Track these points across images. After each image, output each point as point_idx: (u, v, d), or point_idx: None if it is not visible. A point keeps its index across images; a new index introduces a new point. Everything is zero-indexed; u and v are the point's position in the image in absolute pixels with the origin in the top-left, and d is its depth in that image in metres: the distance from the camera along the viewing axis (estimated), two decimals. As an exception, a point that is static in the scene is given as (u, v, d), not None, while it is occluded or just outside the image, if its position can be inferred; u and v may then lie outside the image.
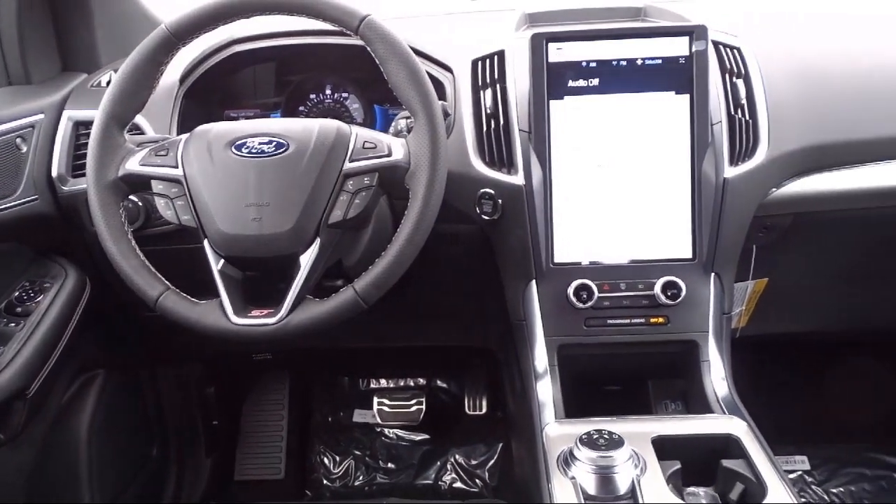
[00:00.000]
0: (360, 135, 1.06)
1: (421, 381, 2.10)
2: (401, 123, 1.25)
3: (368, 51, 1.05)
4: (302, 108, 1.50)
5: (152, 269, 1.06)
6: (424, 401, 2.05)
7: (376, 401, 2.06)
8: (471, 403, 2.05)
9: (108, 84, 1.11)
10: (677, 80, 1.17)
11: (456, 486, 1.95)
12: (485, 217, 1.21)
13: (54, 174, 1.30)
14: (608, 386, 1.35)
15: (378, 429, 2.06)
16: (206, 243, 1.04)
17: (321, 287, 1.08)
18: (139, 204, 1.23)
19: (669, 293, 1.16)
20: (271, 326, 1.01)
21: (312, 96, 1.50)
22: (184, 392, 1.86)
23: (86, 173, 1.07)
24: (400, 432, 2.06)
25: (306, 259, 1.02)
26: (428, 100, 1.03)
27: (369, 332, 1.65)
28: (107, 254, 1.06)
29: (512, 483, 1.86)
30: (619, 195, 1.19)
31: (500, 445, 1.98)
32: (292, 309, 1.01)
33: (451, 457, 1.99)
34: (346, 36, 1.07)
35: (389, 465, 2.01)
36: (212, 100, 1.45)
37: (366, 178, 1.03)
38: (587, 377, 1.23)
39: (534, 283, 1.20)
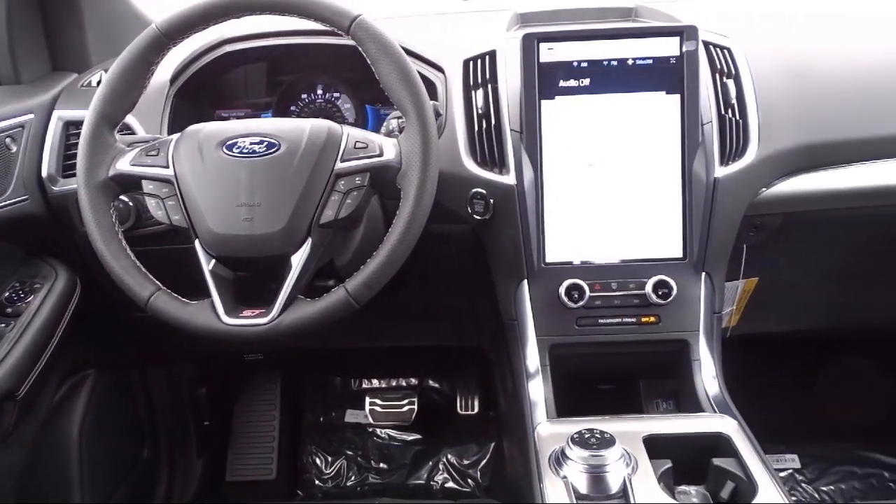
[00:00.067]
0: (351, 135, 1.06)
1: (413, 380, 2.10)
2: (392, 123, 1.25)
3: (360, 51, 1.05)
4: (293, 108, 1.49)
5: (143, 270, 1.06)
6: (416, 401, 2.06)
7: (368, 401, 2.06)
8: (463, 403, 2.05)
9: (99, 84, 1.10)
10: (668, 80, 1.17)
11: (448, 485, 1.95)
12: (476, 217, 1.21)
13: (44, 174, 1.29)
14: (600, 385, 1.35)
15: (370, 429, 2.06)
16: (197, 243, 1.04)
17: (313, 287, 1.08)
18: (130, 204, 1.22)
19: (660, 292, 1.16)
20: (263, 326, 1.01)
21: (304, 96, 1.49)
22: (175, 392, 1.85)
23: (76, 173, 1.07)
24: (392, 432, 2.05)
25: (298, 259, 1.02)
26: (419, 100, 1.03)
27: (361, 332, 1.65)
28: (97, 254, 1.05)
29: (504, 482, 1.86)
30: (611, 195, 1.19)
31: (492, 445, 1.98)
32: (284, 309, 1.01)
33: (443, 457, 1.99)
34: (337, 36, 1.06)
35: (381, 465, 2.00)
36: (203, 100, 1.44)
37: (357, 178, 1.03)
38: (579, 377, 1.24)
39: (525, 283, 1.20)
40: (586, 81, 1.18)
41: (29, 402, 1.27)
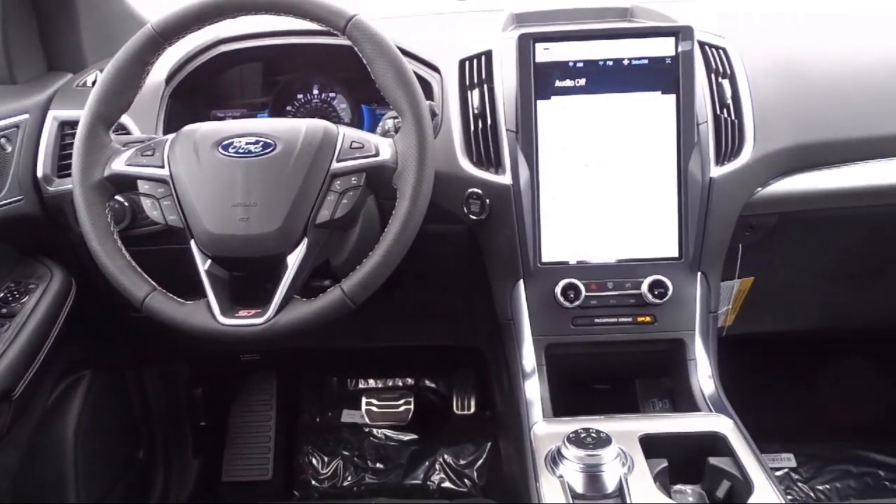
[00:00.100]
0: (347, 135, 1.06)
1: (409, 380, 2.10)
2: (388, 123, 1.25)
3: (356, 51, 1.05)
4: (289, 108, 1.49)
5: (138, 270, 1.05)
6: (413, 401, 2.05)
7: (364, 401, 2.06)
8: (459, 403, 2.05)
9: (94, 84, 1.10)
10: (663, 81, 1.18)
11: (444, 485, 1.95)
12: (472, 217, 1.21)
13: (39, 174, 1.29)
14: (596, 385, 1.35)
15: (366, 429, 2.06)
16: (192, 243, 1.04)
17: (309, 287, 1.08)
18: (125, 204, 1.22)
19: (656, 292, 1.16)
20: (259, 326, 1.01)
21: (300, 96, 1.49)
22: (171, 393, 1.85)
23: (71, 173, 1.06)
24: (388, 432, 2.05)
25: (294, 259, 1.02)
26: (415, 100, 1.03)
27: (357, 332, 1.65)
28: (92, 254, 1.05)
29: (500, 482, 1.87)
30: (606, 195, 1.19)
31: (489, 445, 1.98)
32: (280, 309, 1.01)
33: (439, 456, 1.99)
34: (333, 36, 1.06)
35: (378, 465, 2.00)
36: (198, 100, 1.44)
37: (353, 178, 1.03)
38: (575, 376, 1.24)
39: (521, 283, 1.20)
40: (582, 81, 1.18)
41: (24, 402, 1.27)
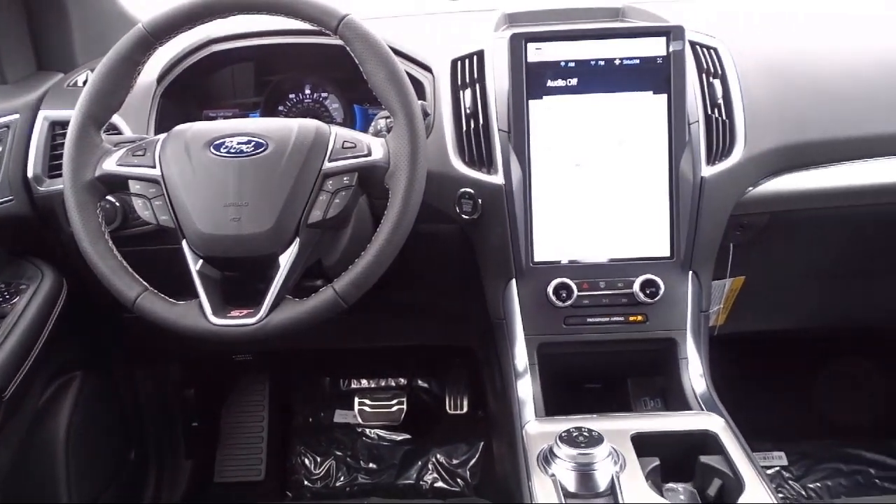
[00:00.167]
0: (339, 134, 1.06)
1: (402, 380, 2.10)
2: (380, 123, 1.25)
3: (348, 50, 1.05)
4: (281, 107, 1.49)
5: (130, 270, 1.05)
6: (405, 401, 2.06)
7: (357, 401, 2.06)
8: (452, 403, 2.05)
9: (85, 84, 1.10)
10: (655, 80, 1.18)
11: (437, 485, 1.95)
12: (465, 216, 1.21)
13: (30, 174, 1.28)
14: (588, 384, 1.36)
15: (359, 429, 2.06)
16: (184, 244, 1.04)
17: (301, 287, 1.08)
18: (116, 204, 1.22)
19: (648, 291, 1.17)
20: (251, 327, 1.01)
21: (292, 96, 1.49)
22: (163, 394, 1.84)
23: (62, 173, 1.06)
24: (381, 432, 2.05)
25: (286, 259, 1.02)
26: (407, 99, 1.03)
27: (350, 332, 1.65)
28: (83, 255, 1.05)
29: (493, 482, 1.87)
30: (598, 194, 1.19)
31: (482, 444, 1.98)
32: (272, 309, 1.01)
33: (432, 456, 1.99)
34: (325, 35, 1.06)
35: (371, 465, 2.00)
36: (190, 100, 1.44)
37: (345, 178, 1.03)
38: (567, 375, 1.24)
39: (514, 282, 1.20)
40: (574, 81, 1.18)
41: (15, 403, 1.26)
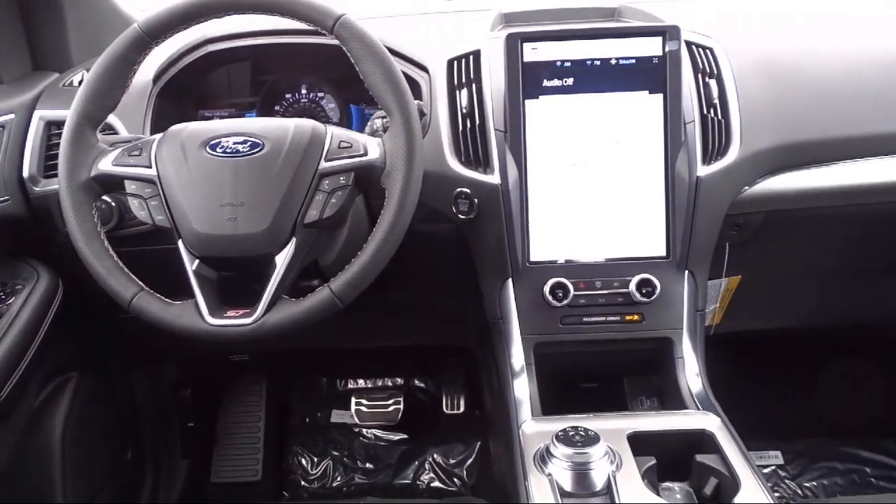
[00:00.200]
0: (335, 134, 1.06)
1: (398, 380, 2.10)
2: (376, 123, 1.25)
3: (344, 50, 1.05)
4: (277, 107, 1.49)
5: (126, 270, 1.05)
6: (402, 400, 2.05)
7: (354, 401, 2.06)
8: (448, 402, 2.05)
9: (80, 83, 1.09)
10: (651, 80, 1.18)
11: (434, 485, 1.95)
12: (461, 216, 1.21)
13: (25, 175, 1.28)
14: (585, 383, 1.36)
15: (356, 429, 2.06)
16: (180, 244, 1.03)
17: (297, 287, 1.08)
18: (112, 204, 1.21)
19: (644, 291, 1.17)
20: (247, 327, 1.00)
21: (288, 96, 1.49)
22: (159, 394, 1.84)
23: (58, 174, 1.06)
24: (378, 432, 2.05)
25: (282, 259, 1.02)
26: (403, 99, 1.03)
27: (346, 332, 1.64)
28: (79, 255, 1.04)
29: (490, 481, 1.87)
30: (594, 194, 1.19)
31: (478, 444, 1.98)
32: (268, 309, 1.01)
33: (429, 456, 1.99)
34: (321, 35, 1.06)
35: (367, 465, 2.00)
36: (186, 99, 1.44)
37: (341, 178, 1.03)
38: (564, 375, 1.24)
39: (510, 282, 1.20)
40: (570, 81, 1.18)
41: (10, 404, 1.26)
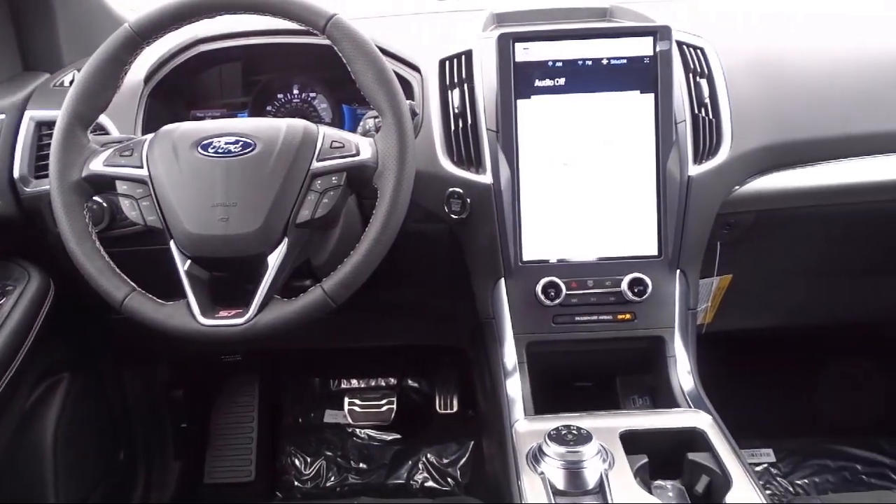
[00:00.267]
0: (327, 134, 1.06)
1: (392, 380, 2.10)
2: (369, 123, 1.25)
3: (335, 50, 1.05)
4: (269, 107, 1.49)
5: (117, 271, 1.04)
6: (395, 400, 2.06)
7: (347, 401, 2.06)
8: (442, 402, 2.05)
9: (72, 84, 1.09)
10: (642, 80, 1.18)
11: (427, 484, 1.95)
12: (453, 216, 1.21)
13: (16, 175, 1.28)
14: (577, 382, 1.36)
15: (349, 429, 2.06)
16: (172, 244, 1.03)
17: (289, 287, 1.08)
18: (104, 205, 1.21)
19: (636, 290, 1.17)
20: (239, 327, 1.00)
21: (280, 96, 1.49)
22: (151, 395, 1.84)
23: (49, 174, 1.05)
24: (371, 432, 2.05)
25: (274, 259, 1.01)
26: (395, 99, 1.03)
27: (339, 332, 1.64)
28: (71, 256, 1.04)
29: (483, 480, 1.87)
30: (586, 193, 1.20)
31: (472, 443, 1.98)
32: (260, 309, 1.01)
33: (422, 456, 1.99)
34: (313, 35, 1.06)
35: (361, 465, 2.00)
36: (177, 100, 1.43)
37: (333, 178, 1.03)
38: (556, 374, 1.24)
39: (502, 282, 1.21)
40: (561, 81, 1.19)
41: (1, 405, 1.26)
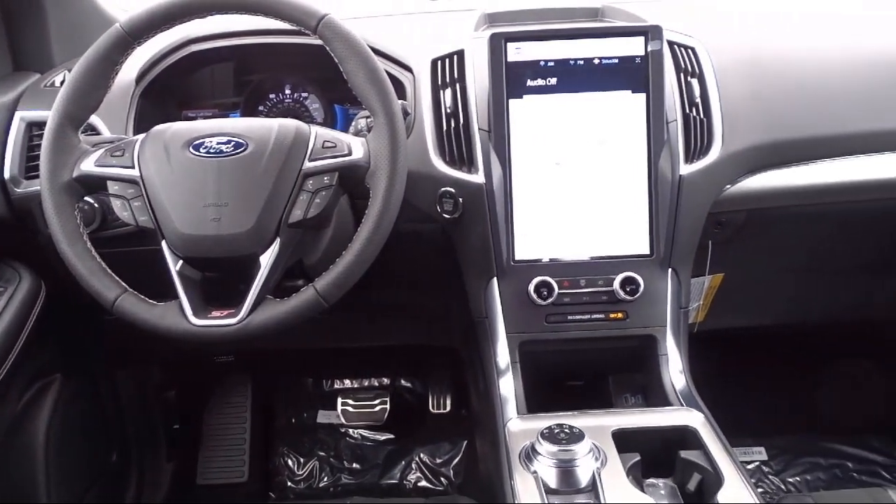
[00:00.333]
0: (319, 134, 1.06)
1: (385, 380, 2.10)
2: (361, 123, 1.24)
3: (327, 50, 1.05)
4: (261, 107, 1.48)
5: (109, 272, 1.04)
6: (389, 400, 2.05)
7: (340, 401, 2.06)
8: (435, 402, 2.05)
9: (62, 84, 1.09)
10: (633, 80, 1.19)
11: (421, 484, 1.95)
12: (446, 216, 1.21)
13: (6, 176, 1.27)
14: (570, 381, 1.36)
15: (342, 429, 2.06)
16: (163, 244, 1.03)
17: (282, 287, 1.08)
18: (95, 205, 1.21)
19: (628, 289, 1.18)
20: (232, 327, 1.00)
21: (272, 96, 1.48)
22: (144, 396, 1.83)
23: (39, 175, 1.05)
24: (364, 432, 2.05)
25: (266, 259, 1.01)
26: (387, 99, 1.03)
27: (332, 332, 1.64)
28: (62, 256, 1.04)
29: (476, 480, 1.87)
30: (578, 193, 1.20)
31: (465, 443, 1.98)
32: (252, 309, 1.01)
33: (415, 456, 1.99)
34: (304, 35, 1.06)
35: (354, 465, 2.00)
36: (169, 100, 1.43)
37: (325, 178, 1.03)
38: (549, 373, 1.24)
39: (495, 281, 1.21)
40: (553, 81, 1.19)
41: (-7, 407, 1.26)
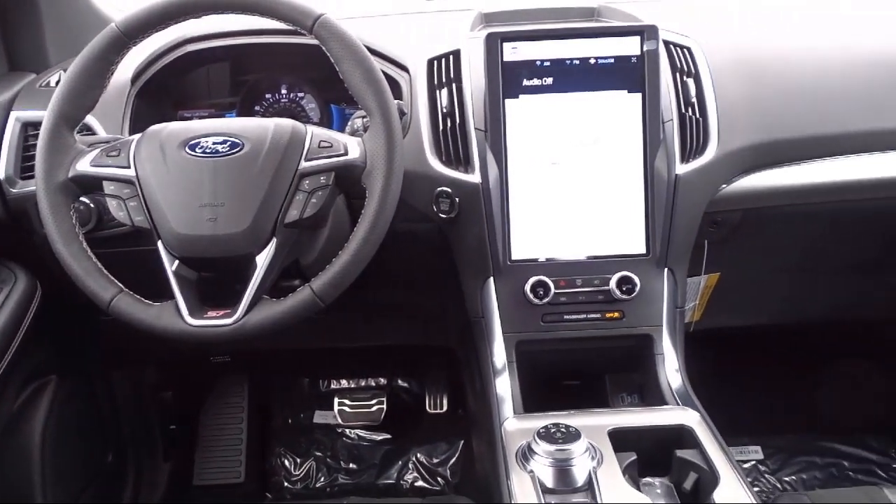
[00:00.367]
0: (315, 134, 1.06)
1: (381, 380, 2.10)
2: (357, 123, 1.25)
3: (323, 50, 1.05)
4: (257, 107, 1.48)
5: (104, 272, 1.04)
6: (385, 400, 2.06)
7: (337, 401, 2.05)
8: (431, 402, 2.05)
9: (58, 84, 1.08)
10: (629, 79, 1.19)
11: (417, 484, 1.95)
12: (442, 215, 1.21)
13: (2, 176, 1.27)
14: (566, 381, 1.36)
15: (339, 429, 2.06)
16: (159, 244, 1.03)
17: (278, 287, 1.08)
18: (91, 206, 1.20)
19: (624, 288, 1.18)
20: (228, 327, 1.00)
21: (268, 96, 1.48)
22: (140, 396, 1.83)
23: (35, 175, 1.05)
24: (361, 432, 2.05)
25: (262, 259, 1.01)
26: (384, 99, 1.03)
27: (328, 332, 1.64)
28: (57, 257, 1.04)
29: (473, 480, 1.87)
30: (575, 192, 1.20)
31: (461, 443, 1.98)
32: (249, 309, 1.01)
33: (412, 456, 1.99)
34: (301, 35, 1.06)
35: (351, 465, 2.00)
36: (165, 100, 1.43)
37: (322, 178, 1.03)
38: (545, 372, 1.24)
39: (491, 280, 1.21)
40: (549, 80, 1.19)
41: (-12, 408, 1.25)
